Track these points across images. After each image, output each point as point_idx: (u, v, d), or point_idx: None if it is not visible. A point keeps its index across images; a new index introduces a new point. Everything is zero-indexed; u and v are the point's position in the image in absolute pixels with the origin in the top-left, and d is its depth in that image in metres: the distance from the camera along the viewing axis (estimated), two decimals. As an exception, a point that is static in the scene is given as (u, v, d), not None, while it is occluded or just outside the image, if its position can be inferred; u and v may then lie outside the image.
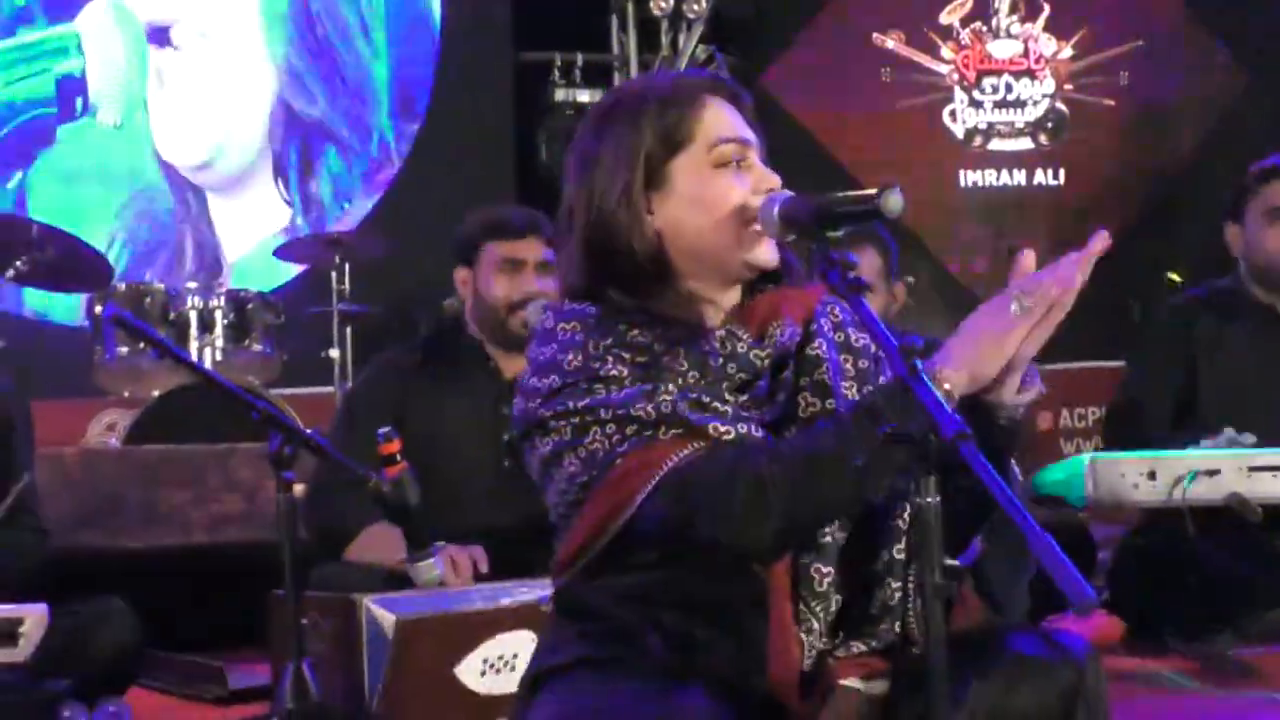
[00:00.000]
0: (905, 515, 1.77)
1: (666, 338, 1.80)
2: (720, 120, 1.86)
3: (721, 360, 1.81)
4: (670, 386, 1.75)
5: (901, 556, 1.78)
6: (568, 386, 1.77)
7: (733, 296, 1.89)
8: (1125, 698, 3.45)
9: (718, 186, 1.83)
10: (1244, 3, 8.44)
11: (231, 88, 7.12)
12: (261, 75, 7.17)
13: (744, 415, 1.77)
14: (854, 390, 1.82)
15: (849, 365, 1.85)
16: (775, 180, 1.84)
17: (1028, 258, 1.73)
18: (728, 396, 1.79)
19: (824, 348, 1.84)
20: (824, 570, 1.76)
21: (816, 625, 1.76)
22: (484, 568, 3.12)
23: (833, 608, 1.77)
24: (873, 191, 1.70)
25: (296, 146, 7.21)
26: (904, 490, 1.72)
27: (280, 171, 7.17)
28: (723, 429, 1.73)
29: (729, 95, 1.90)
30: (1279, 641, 3.86)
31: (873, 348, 1.87)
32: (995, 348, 1.66)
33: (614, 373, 1.76)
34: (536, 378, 1.80)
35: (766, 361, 1.82)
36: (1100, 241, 1.72)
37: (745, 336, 1.84)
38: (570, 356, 1.78)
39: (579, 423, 1.75)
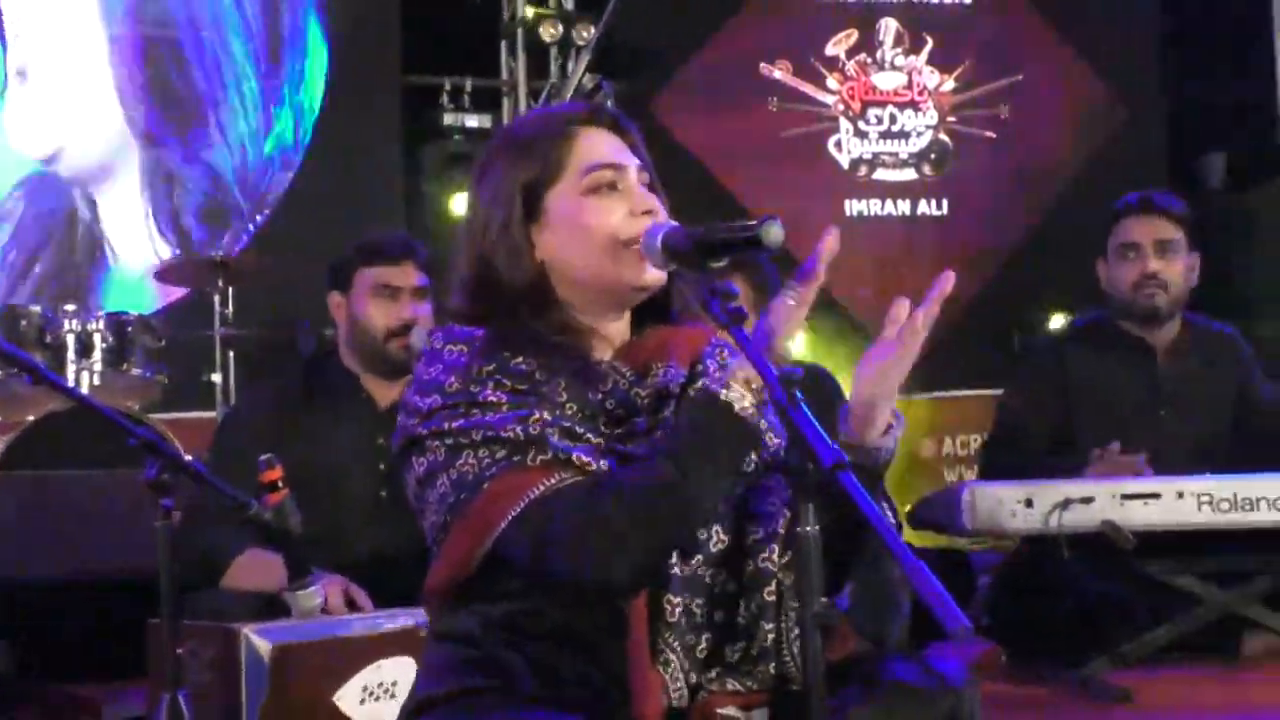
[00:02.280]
0: (775, 556, 1.79)
1: (549, 367, 1.81)
2: (593, 148, 1.88)
3: (601, 396, 1.81)
4: (544, 414, 1.75)
5: (773, 599, 1.78)
6: (446, 408, 1.77)
7: (621, 330, 1.90)
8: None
9: (591, 212, 1.85)
10: (1122, 39, 8.64)
11: (91, 114, 6.96)
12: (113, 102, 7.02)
13: (618, 449, 1.77)
14: None
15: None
16: (651, 202, 1.85)
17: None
18: (603, 429, 1.79)
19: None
20: (675, 601, 1.75)
21: (674, 658, 1.75)
22: (366, 606, 3.09)
23: (693, 641, 1.76)
24: (753, 222, 1.72)
25: (175, 166, 7.09)
26: (773, 532, 1.76)
27: (153, 189, 7.03)
28: (587, 460, 1.73)
29: (609, 123, 1.92)
30: (1152, 665, 3.94)
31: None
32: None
33: (492, 399, 1.76)
34: (419, 396, 1.81)
35: (645, 400, 1.83)
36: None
37: (627, 373, 1.85)
38: (453, 379, 1.79)
39: (452, 443, 1.76)
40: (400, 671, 2.78)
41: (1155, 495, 3.70)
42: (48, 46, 6.78)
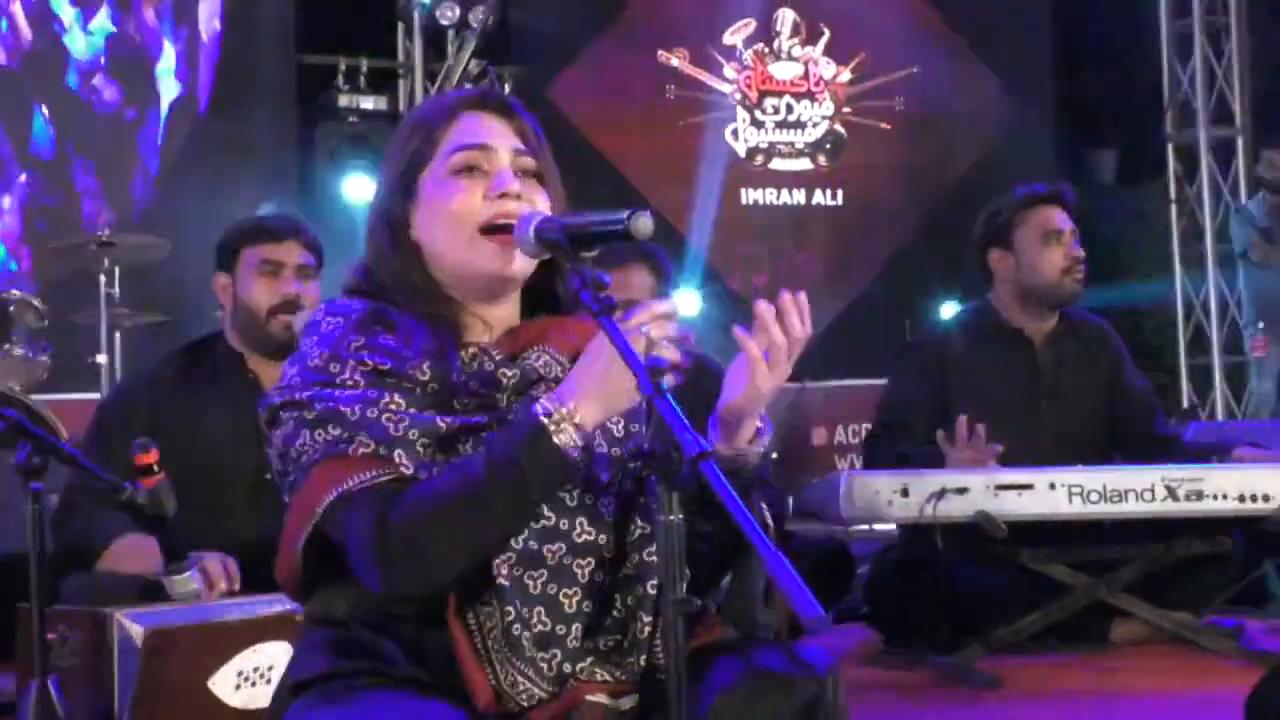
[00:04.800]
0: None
1: (416, 346, 1.81)
2: (467, 129, 1.88)
3: (465, 377, 1.82)
4: (397, 397, 1.76)
5: (654, 593, 1.79)
6: (305, 383, 1.78)
7: (506, 316, 1.90)
8: (875, 710, 3.56)
9: (449, 193, 1.86)
10: (1014, 34, 8.77)
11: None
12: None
13: (469, 424, 1.77)
14: (618, 428, 1.85)
15: None
16: (512, 184, 1.85)
17: (768, 313, 1.75)
18: (458, 406, 1.80)
19: None
20: (511, 596, 1.74)
21: (519, 653, 1.74)
22: (235, 583, 3.05)
23: (563, 631, 1.76)
24: (623, 213, 1.73)
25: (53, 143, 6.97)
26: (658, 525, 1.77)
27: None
28: (407, 463, 1.73)
29: (497, 108, 1.92)
30: (1024, 651, 4.02)
31: None
32: (626, 376, 1.63)
33: (348, 379, 1.77)
34: (289, 364, 1.83)
35: (511, 381, 1.84)
36: (801, 305, 1.77)
37: (496, 355, 1.85)
38: (319, 352, 1.80)
39: (298, 417, 1.77)
40: (276, 656, 2.76)
41: (1028, 486, 3.77)
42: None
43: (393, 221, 1.88)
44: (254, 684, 2.77)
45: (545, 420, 1.67)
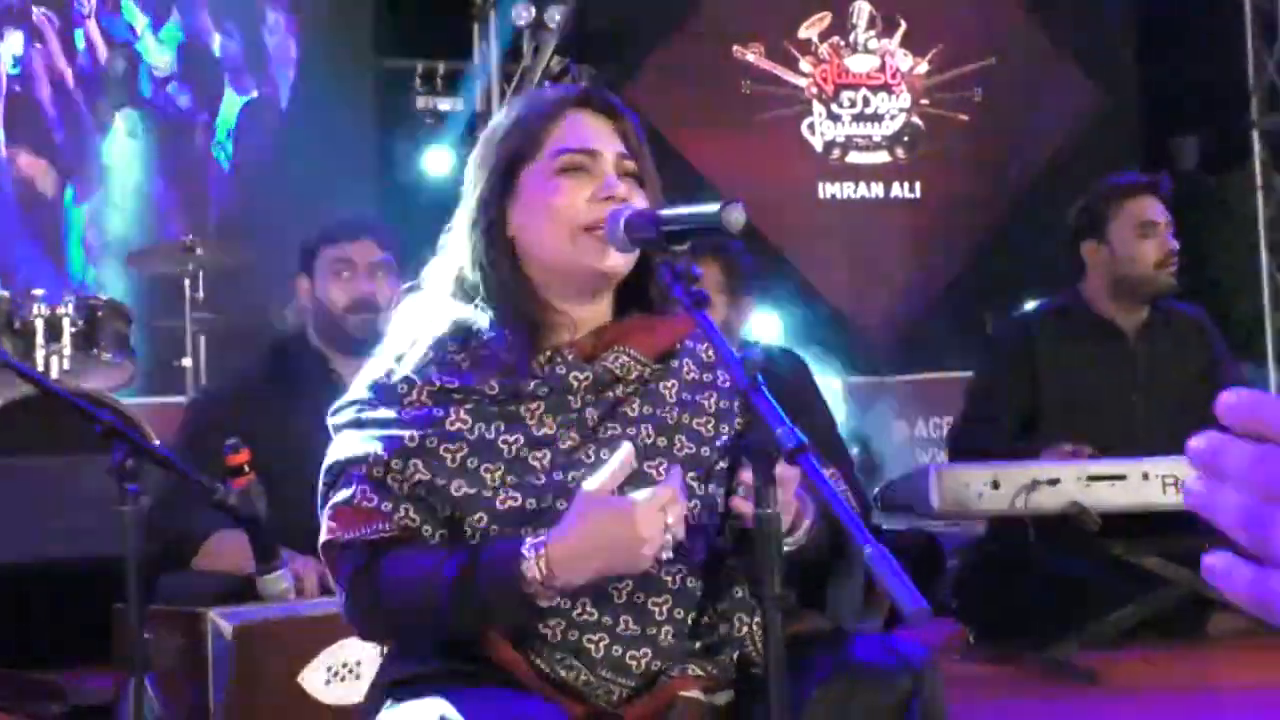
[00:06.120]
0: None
1: (489, 358, 1.81)
2: (572, 130, 1.88)
3: (534, 384, 1.82)
4: (463, 413, 1.78)
5: (741, 595, 1.81)
6: (359, 402, 1.84)
7: (595, 316, 1.89)
8: (968, 704, 3.52)
9: (557, 192, 1.85)
10: (1095, 22, 8.66)
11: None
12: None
13: (526, 463, 1.79)
14: (709, 426, 1.85)
15: (707, 403, 1.87)
16: (618, 190, 1.84)
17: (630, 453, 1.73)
18: (524, 413, 1.80)
19: (675, 387, 1.86)
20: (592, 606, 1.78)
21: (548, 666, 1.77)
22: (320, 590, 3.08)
23: (653, 634, 1.77)
24: (715, 206, 1.72)
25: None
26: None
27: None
28: (413, 517, 1.77)
29: (600, 108, 1.91)
30: (1118, 645, 3.96)
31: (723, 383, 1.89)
32: (628, 543, 1.66)
33: (415, 399, 1.81)
34: (362, 374, 1.88)
35: (584, 384, 1.83)
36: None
37: (570, 357, 1.84)
38: (382, 366, 1.84)
39: (336, 444, 1.85)
40: (364, 651, 2.76)
41: (1121, 477, 3.72)
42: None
43: (490, 217, 1.87)
44: (343, 679, 2.78)
45: (524, 573, 1.68)
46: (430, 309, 1.87)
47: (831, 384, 6.53)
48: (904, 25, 8.49)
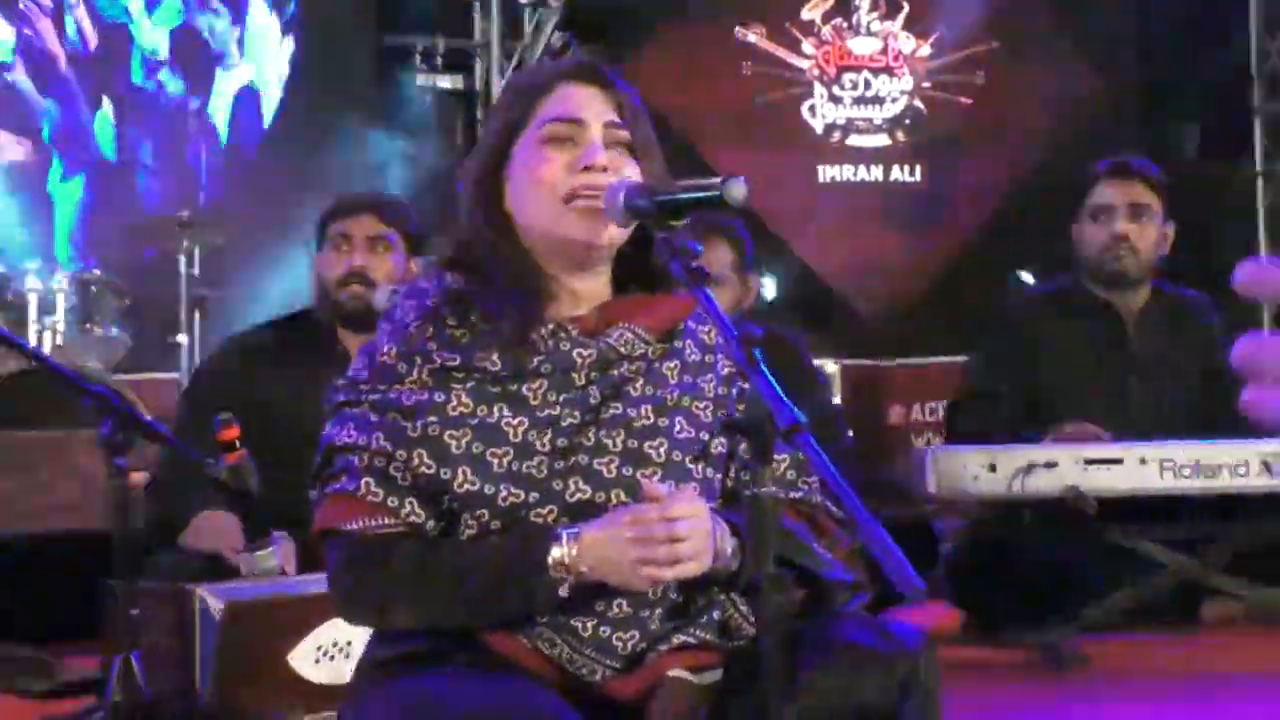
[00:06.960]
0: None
1: (491, 331, 1.79)
2: (561, 101, 1.86)
3: (538, 360, 1.80)
4: (464, 397, 1.76)
5: (741, 575, 1.78)
6: (361, 384, 1.81)
7: (596, 289, 1.87)
8: (961, 687, 3.50)
9: (537, 162, 1.83)
10: (1098, 7, 8.62)
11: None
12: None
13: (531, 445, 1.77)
14: (707, 412, 1.83)
15: (706, 387, 1.86)
16: (598, 157, 1.82)
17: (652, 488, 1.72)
18: (527, 391, 1.78)
19: (677, 368, 1.84)
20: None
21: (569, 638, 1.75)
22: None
23: (645, 615, 1.76)
24: (716, 180, 1.71)
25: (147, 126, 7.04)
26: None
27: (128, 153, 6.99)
28: (418, 512, 1.76)
29: (593, 79, 1.89)
30: (1112, 630, 3.95)
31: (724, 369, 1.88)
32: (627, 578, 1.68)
33: (416, 378, 1.78)
34: (360, 353, 1.85)
35: (588, 360, 1.81)
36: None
37: (574, 332, 1.82)
38: (390, 347, 1.81)
39: (335, 423, 1.81)
40: (354, 631, 2.74)
41: (1118, 461, 3.70)
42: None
43: (486, 189, 1.86)
44: (333, 658, 2.76)
45: (550, 566, 1.69)
46: (431, 282, 1.86)
47: (828, 367, 6.52)
48: (906, 8, 8.46)
